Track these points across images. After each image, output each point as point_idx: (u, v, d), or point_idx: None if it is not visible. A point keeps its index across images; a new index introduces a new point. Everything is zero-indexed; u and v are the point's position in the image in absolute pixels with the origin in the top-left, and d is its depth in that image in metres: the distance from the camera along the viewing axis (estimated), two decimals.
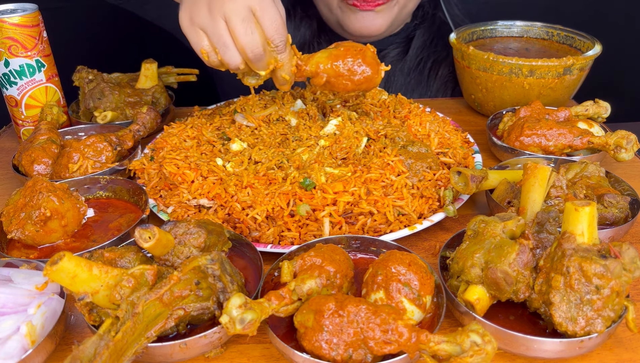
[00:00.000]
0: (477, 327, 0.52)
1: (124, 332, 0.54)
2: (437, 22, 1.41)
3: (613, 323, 0.59)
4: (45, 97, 1.11)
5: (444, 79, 1.43)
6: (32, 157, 0.94)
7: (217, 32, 0.82)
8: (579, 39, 1.26)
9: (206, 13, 0.82)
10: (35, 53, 1.06)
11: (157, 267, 0.61)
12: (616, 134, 0.93)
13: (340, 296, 0.58)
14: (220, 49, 0.84)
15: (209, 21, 0.82)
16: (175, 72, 1.33)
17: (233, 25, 0.81)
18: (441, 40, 1.41)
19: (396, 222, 0.81)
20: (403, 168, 0.86)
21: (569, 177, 0.85)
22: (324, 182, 0.82)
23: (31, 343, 0.59)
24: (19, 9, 1.05)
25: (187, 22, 0.85)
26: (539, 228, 0.65)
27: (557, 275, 0.59)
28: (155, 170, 0.94)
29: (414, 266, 0.63)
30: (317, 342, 0.56)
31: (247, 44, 0.82)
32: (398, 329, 0.54)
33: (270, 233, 0.79)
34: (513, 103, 1.19)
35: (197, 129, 1.02)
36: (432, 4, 1.42)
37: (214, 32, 0.83)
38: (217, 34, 0.83)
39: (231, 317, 0.54)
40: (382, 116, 1.04)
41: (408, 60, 1.41)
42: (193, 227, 0.67)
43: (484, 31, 1.36)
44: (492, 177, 0.83)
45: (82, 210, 0.83)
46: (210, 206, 0.84)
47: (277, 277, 0.70)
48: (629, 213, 0.79)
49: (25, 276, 0.67)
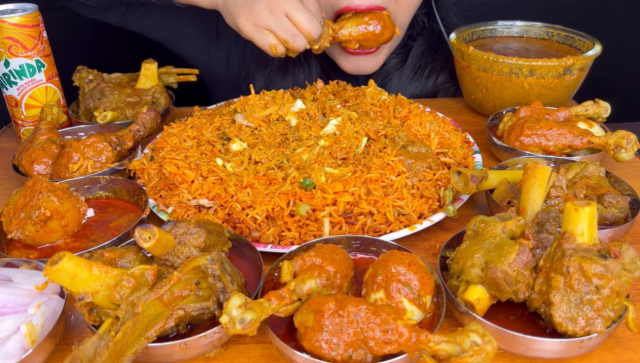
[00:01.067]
0: (477, 327, 0.52)
1: (124, 332, 0.54)
2: (435, 32, 1.42)
3: (613, 323, 0.59)
4: (45, 97, 1.11)
5: (443, 86, 1.44)
6: (32, 157, 0.94)
7: (284, 27, 1.01)
8: (579, 39, 1.26)
9: (269, 14, 1.00)
10: (35, 53, 1.06)
11: (157, 267, 0.61)
12: (616, 134, 0.93)
13: (340, 296, 0.58)
14: (291, 39, 1.03)
15: (273, 20, 1.00)
16: (175, 72, 1.33)
17: (297, 18, 1.01)
18: (439, 49, 1.42)
19: (396, 222, 0.81)
20: (403, 168, 0.86)
21: (569, 177, 0.85)
22: (324, 182, 0.82)
23: (31, 343, 0.59)
24: (19, 9, 1.05)
25: (251, 28, 1.02)
26: (539, 228, 0.65)
27: (557, 275, 0.59)
28: (155, 170, 0.94)
29: (414, 266, 0.63)
30: (317, 342, 0.56)
31: (312, 29, 1.03)
32: (398, 329, 0.54)
33: (270, 233, 0.79)
34: (513, 103, 1.19)
35: (197, 129, 1.02)
36: (428, 16, 1.43)
37: (281, 27, 1.01)
38: (284, 29, 1.01)
39: (231, 317, 0.54)
40: (382, 116, 1.04)
41: (406, 69, 1.41)
42: (193, 227, 0.67)
43: (484, 31, 1.36)
44: (492, 177, 0.83)
45: (82, 210, 0.83)
46: (210, 206, 0.84)
47: (277, 277, 0.70)
48: (629, 213, 0.79)
49: (25, 276, 0.67)
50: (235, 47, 1.46)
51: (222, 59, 1.49)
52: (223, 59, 1.49)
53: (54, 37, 1.13)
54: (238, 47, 1.46)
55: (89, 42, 1.79)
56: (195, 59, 1.49)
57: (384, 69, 1.41)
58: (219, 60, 1.49)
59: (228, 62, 1.49)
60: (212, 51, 1.48)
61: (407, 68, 1.42)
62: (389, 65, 1.41)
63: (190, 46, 1.48)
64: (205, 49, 1.48)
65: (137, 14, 1.38)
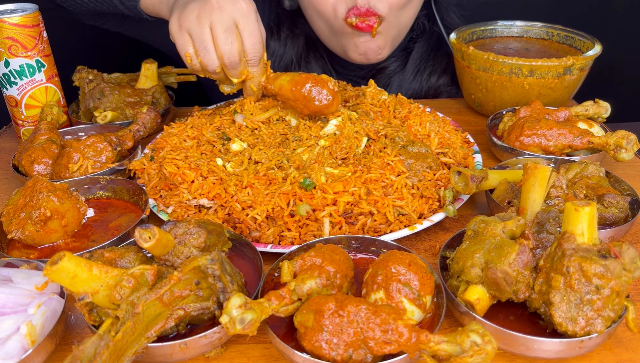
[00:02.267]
0: (477, 327, 0.52)
1: (124, 332, 0.54)
2: (435, 35, 1.42)
3: (613, 323, 0.59)
4: (45, 97, 1.11)
5: (445, 88, 1.44)
6: (32, 157, 0.94)
7: (201, 37, 0.91)
8: (579, 39, 1.26)
9: (194, 19, 0.91)
10: (35, 53, 1.06)
11: (157, 267, 0.61)
12: (616, 134, 0.93)
13: (340, 296, 0.58)
14: (201, 52, 0.92)
15: (195, 25, 0.91)
16: (175, 72, 1.33)
17: (216, 32, 0.91)
18: (440, 51, 1.42)
19: (396, 222, 0.81)
20: (403, 168, 0.86)
21: (569, 177, 0.85)
22: (324, 182, 0.82)
23: (31, 343, 0.59)
24: (19, 9, 1.05)
25: (176, 28, 0.94)
26: (539, 228, 0.65)
27: (557, 275, 0.59)
28: (155, 170, 0.94)
29: (414, 266, 0.63)
30: (317, 342, 0.56)
31: (225, 52, 0.92)
32: (398, 329, 0.54)
33: (270, 233, 0.79)
34: (513, 103, 1.19)
35: (197, 129, 1.02)
36: (428, 18, 1.42)
37: (199, 36, 0.91)
38: (200, 38, 0.91)
39: (231, 317, 0.54)
40: (382, 116, 1.04)
41: (407, 71, 1.41)
42: (193, 227, 0.67)
43: (484, 31, 1.36)
44: (492, 177, 0.83)
45: (82, 210, 0.83)
46: (210, 206, 0.84)
47: (277, 277, 0.70)
48: (629, 213, 0.79)
49: (25, 276, 0.67)
50: None
51: None
52: None
53: (54, 37, 1.13)
54: None
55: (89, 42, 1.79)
56: None
57: (385, 73, 1.41)
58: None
59: None
60: None
61: (408, 70, 1.42)
62: (389, 69, 1.41)
63: None
64: None
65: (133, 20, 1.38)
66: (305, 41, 1.40)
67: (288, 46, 1.40)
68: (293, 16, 1.39)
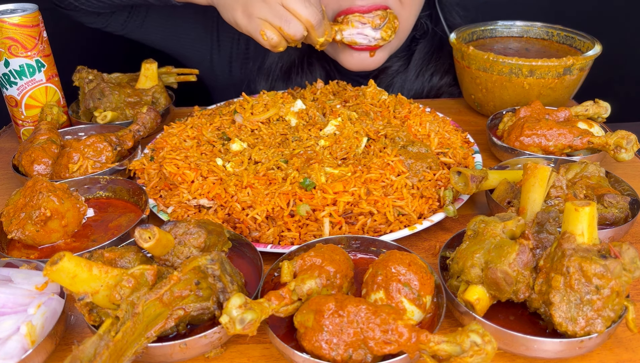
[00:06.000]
0: (477, 327, 0.52)
1: (124, 332, 0.54)
2: (437, 35, 1.42)
3: (613, 323, 0.59)
4: (45, 97, 1.11)
5: (447, 89, 1.44)
6: (32, 157, 0.94)
7: (278, 14, 0.98)
8: (579, 39, 1.26)
9: (263, 4, 0.98)
10: (35, 53, 1.06)
11: (157, 267, 0.61)
12: (616, 134, 0.93)
13: (340, 296, 0.58)
14: (284, 25, 0.99)
15: (267, 9, 0.98)
16: (175, 72, 1.33)
17: (292, 5, 0.98)
18: (442, 52, 1.42)
19: (396, 222, 0.81)
20: (403, 168, 0.86)
21: (569, 177, 0.85)
22: (324, 182, 0.82)
23: (31, 343, 0.59)
24: (19, 9, 1.05)
25: (245, 18, 1.01)
26: (539, 228, 0.65)
27: (557, 275, 0.59)
28: (155, 170, 0.94)
29: (414, 266, 0.63)
30: (317, 342, 0.56)
31: (310, 14, 0.99)
32: (398, 329, 0.54)
33: (270, 234, 0.79)
34: (513, 103, 1.19)
35: (197, 129, 1.02)
36: (431, 19, 1.42)
37: (275, 14, 0.98)
38: (278, 15, 0.98)
39: (231, 317, 0.54)
40: (382, 116, 1.04)
41: (409, 71, 1.41)
42: (193, 227, 0.67)
43: (484, 31, 1.36)
44: (492, 177, 0.83)
45: (82, 210, 0.83)
46: (210, 206, 0.84)
47: (277, 277, 0.70)
48: (629, 213, 0.79)
49: (25, 276, 0.67)
50: (237, 55, 1.46)
51: (225, 68, 1.49)
52: (225, 68, 1.49)
53: (54, 37, 1.13)
54: (240, 56, 1.46)
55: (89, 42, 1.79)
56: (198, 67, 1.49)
57: (387, 73, 1.40)
58: (221, 68, 1.49)
59: (230, 70, 1.49)
60: (214, 60, 1.48)
61: (411, 70, 1.41)
62: (392, 69, 1.41)
63: (192, 54, 1.48)
64: (207, 57, 1.48)
65: (137, 22, 1.38)
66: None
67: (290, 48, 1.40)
68: None
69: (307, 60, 1.39)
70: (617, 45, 1.74)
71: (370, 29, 1.12)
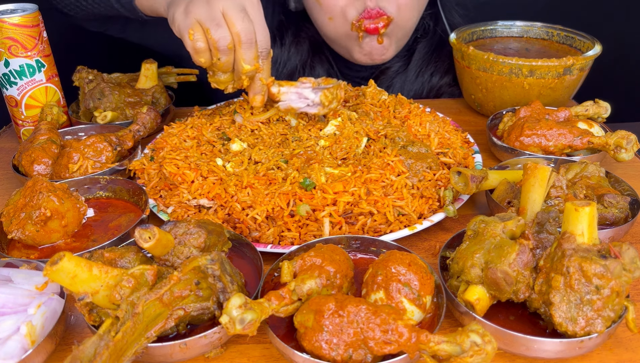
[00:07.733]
0: (477, 327, 0.52)
1: (124, 332, 0.54)
2: (437, 35, 1.42)
3: (613, 323, 0.59)
4: (45, 97, 1.11)
5: (447, 89, 1.44)
6: (32, 157, 0.94)
7: (213, 17, 0.88)
8: (579, 39, 1.26)
9: (204, 5, 0.89)
10: (35, 53, 1.06)
11: (157, 267, 0.61)
12: (616, 134, 0.93)
13: (340, 296, 0.58)
14: (212, 28, 0.88)
15: (205, 9, 0.89)
16: (175, 72, 1.33)
17: (231, 13, 0.88)
18: (442, 52, 1.42)
19: (396, 222, 0.81)
20: (403, 168, 0.86)
21: (569, 177, 0.85)
22: (324, 182, 0.82)
23: (31, 343, 0.59)
24: (19, 9, 1.05)
25: (181, 15, 0.91)
26: (539, 228, 0.65)
27: (557, 275, 0.59)
28: (155, 170, 0.94)
29: (414, 266, 0.63)
30: (317, 342, 0.56)
31: (243, 29, 0.89)
32: (398, 329, 0.54)
33: (270, 234, 0.79)
34: (513, 103, 1.19)
35: (197, 129, 1.02)
36: (432, 18, 1.43)
37: (210, 17, 0.88)
38: (212, 18, 0.88)
39: (231, 317, 0.54)
40: (382, 116, 1.04)
41: (409, 72, 1.41)
42: (193, 227, 0.67)
43: (484, 31, 1.36)
44: (492, 177, 0.83)
45: (82, 210, 0.83)
46: (210, 206, 0.84)
47: (277, 277, 0.70)
48: (629, 213, 0.79)
49: (25, 276, 0.67)
50: None
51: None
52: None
53: (54, 37, 1.13)
54: None
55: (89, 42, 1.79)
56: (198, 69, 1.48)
57: (388, 74, 1.41)
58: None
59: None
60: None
61: (410, 71, 1.42)
62: (392, 70, 1.41)
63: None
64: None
65: (136, 25, 1.38)
66: (309, 45, 1.40)
67: (292, 52, 1.40)
68: (298, 20, 1.39)
69: (310, 64, 1.40)
70: (617, 45, 1.74)
71: (310, 90, 0.97)
